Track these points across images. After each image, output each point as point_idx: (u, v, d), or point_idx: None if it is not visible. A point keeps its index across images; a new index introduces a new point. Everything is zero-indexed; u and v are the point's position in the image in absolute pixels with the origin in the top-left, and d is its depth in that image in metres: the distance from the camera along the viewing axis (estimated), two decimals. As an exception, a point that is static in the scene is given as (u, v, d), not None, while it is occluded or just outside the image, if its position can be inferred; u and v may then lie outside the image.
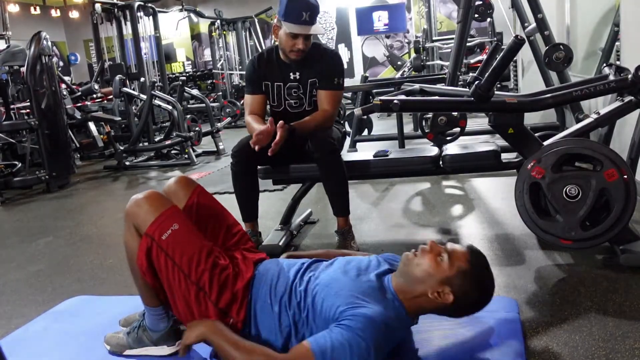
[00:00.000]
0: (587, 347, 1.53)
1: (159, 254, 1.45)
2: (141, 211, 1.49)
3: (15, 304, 2.31)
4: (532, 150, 2.05)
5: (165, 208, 1.49)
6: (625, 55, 3.10)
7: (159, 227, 1.45)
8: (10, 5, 10.56)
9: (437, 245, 1.43)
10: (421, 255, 1.42)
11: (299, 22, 2.31)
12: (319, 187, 2.69)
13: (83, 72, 14.07)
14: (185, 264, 1.44)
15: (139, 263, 1.49)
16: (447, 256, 1.39)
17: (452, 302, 1.37)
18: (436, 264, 1.38)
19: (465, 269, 1.37)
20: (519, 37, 1.97)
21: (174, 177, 1.72)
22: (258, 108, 2.52)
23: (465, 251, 1.41)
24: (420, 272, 1.39)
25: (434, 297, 1.37)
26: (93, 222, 3.68)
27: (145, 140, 6.46)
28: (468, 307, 1.43)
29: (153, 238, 1.45)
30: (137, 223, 1.51)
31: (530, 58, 4.69)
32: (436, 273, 1.37)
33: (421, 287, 1.38)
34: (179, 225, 1.47)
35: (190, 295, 1.45)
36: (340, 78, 2.48)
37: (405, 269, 1.42)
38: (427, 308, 1.42)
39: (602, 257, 2.15)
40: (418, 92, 3.00)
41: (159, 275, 1.48)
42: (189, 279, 1.44)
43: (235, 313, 1.47)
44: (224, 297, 1.46)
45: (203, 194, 1.68)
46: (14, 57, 5.05)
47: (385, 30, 11.73)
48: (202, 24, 12.63)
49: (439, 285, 1.37)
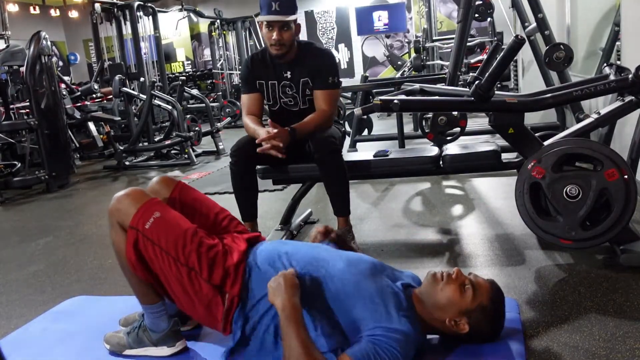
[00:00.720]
0: (587, 347, 1.53)
1: (146, 243, 1.48)
2: (122, 206, 1.53)
3: (15, 304, 2.31)
4: (533, 150, 2.05)
5: (145, 200, 1.53)
6: (625, 55, 3.10)
7: (141, 218, 1.49)
8: (10, 4, 10.55)
9: (462, 275, 1.45)
10: (447, 281, 1.43)
11: (269, 12, 2.34)
12: (319, 187, 2.69)
13: (83, 72, 14.07)
14: (172, 247, 1.47)
15: (127, 257, 1.50)
16: (471, 288, 1.42)
17: (465, 333, 1.42)
18: (460, 294, 1.41)
19: (485, 304, 1.42)
20: (519, 37, 1.97)
21: (155, 177, 1.75)
22: (255, 108, 2.53)
23: (488, 286, 1.46)
24: (444, 299, 1.42)
25: (450, 325, 1.42)
26: (93, 222, 3.68)
27: (145, 140, 6.46)
28: (478, 339, 1.49)
29: (137, 229, 1.48)
30: (120, 219, 1.54)
31: (531, 58, 4.69)
32: (458, 303, 1.41)
33: (440, 313, 1.42)
34: (160, 213, 1.51)
35: (183, 278, 1.47)
36: (335, 76, 2.48)
37: (429, 291, 1.45)
38: (439, 330, 1.47)
39: (603, 257, 2.15)
40: (418, 92, 3.00)
41: (151, 266, 1.50)
42: (179, 261, 1.47)
43: (229, 287, 1.48)
44: (216, 273, 1.48)
45: (185, 189, 1.71)
46: (14, 56, 5.05)
47: (385, 30, 11.73)
48: (201, 23, 12.63)
49: (458, 315, 1.41)
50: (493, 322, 1.46)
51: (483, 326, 1.44)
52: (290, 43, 2.40)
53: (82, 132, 6.61)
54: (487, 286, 1.45)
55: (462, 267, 2.19)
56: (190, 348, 1.66)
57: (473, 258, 2.31)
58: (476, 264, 2.24)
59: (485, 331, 1.46)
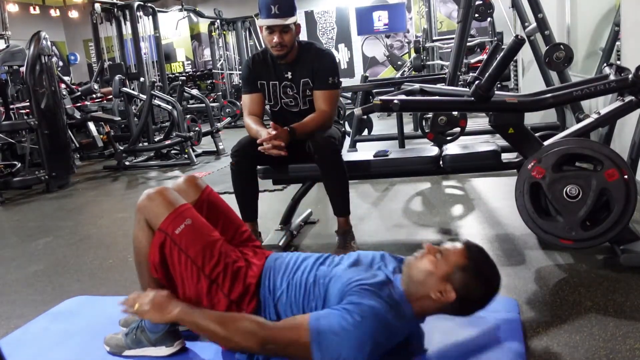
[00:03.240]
0: (587, 348, 1.53)
1: (173, 248, 1.48)
2: (153, 205, 1.53)
3: (15, 304, 2.31)
4: (533, 150, 2.05)
5: (178, 204, 1.52)
6: (625, 55, 3.10)
7: (172, 222, 1.49)
8: (10, 5, 10.55)
9: (433, 246, 1.44)
10: (419, 257, 1.43)
11: (269, 15, 2.33)
12: (319, 187, 2.69)
13: (83, 72, 14.07)
14: (199, 257, 1.47)
15: (151, 258, 1.51)
16: (443, 254, 1.40)
17: (455, 299, 1.36)
18: (433, 263, 1.39)
19: (462, 263, 1.37)
20: (519, 37, 1.97)
21: (183, 176, 1.74)
22: (256, 108, 2.53)
23: (462, 246, 1.42)
24: (421, 274, 1.40)
25: (437, 297, 1.37)
26: (93, 222, 3.68)
27: (145, 140, 6.45)
28: (474, 302, 1.42)
29: (167, 233, 1.48)
30: (149, 217, 1.54)
31: (531, 58, 4.69)
32: (435, 271, 1.38)
33: (424, 288, 1.39)
34: (192, 220, 1.51)
35: (202, 288, 1.48)
36: (335, 77, 2.48)
37: (408, 273, 1.43)
38: (433, 309, 1.42)
39: (603, 257, 2.14)
40: (418, 92, 3.00)
41: (172, 270, 1.51)
42: (203, 271, 1.47)
43: (246, 304, 1.50)
44: (236, 288, 1.49)
45: (213, 194, 1.72)
46: (14, 57, 5.05)
47: (385, 30, 11.73)
48: (201, 23, 12.63)
49: (440, 283, 1.37)
50: (478, 279, 1.39)
51: (470, 286, 1.37)
52: (291, 44, 2.41)
53: (82, 132, 6.61)
54: (461, 247, 1.41)
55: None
56: (188, 348, 1.66)
57: (473, 258, 2.31)
58: (476, 264, 2.24)
59: (476, 290, 1.39)
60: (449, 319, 1.67)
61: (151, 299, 1.44)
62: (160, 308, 1.43)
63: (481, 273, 1.40)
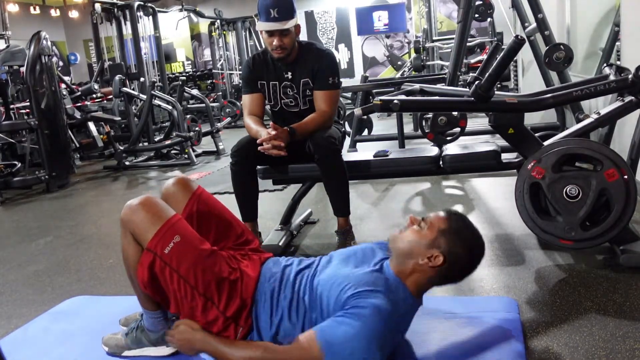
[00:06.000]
0: (587, 348, 1.53)
1: (163, 268, 1.42)
2: (138, 220, 1.45)
3: (15, 304, 2.31)
4: (532, 150, 2.05)
5: (165, 219, 1.44)
6: (625, 55, 3.10)
7: (160, 241, 1.41)
8: (10, 4, 10.55)
9: (415, 217, 1.47)
10: (403, 230, 1.47)
11: (268, 19, 2.33)
12: (319, 187, 2.69)
13: (83, 72, 14.06)
14: (191, 275, 1.41)
15: (139, 278, 1.46)
16: (426, 222, 1.44)
17: (444, 263, 1.39)
18: (417, 232, 1.43)
19: (445, 227, 1.41)
20: (519, 37, 1.97)
21: (172, 179, 1.66)
22: (256, 108, 2.53)
23: (442, 213, 1.46)
24: (407, 245, 1.43)
25: (425, 264, 1.40)
26: (93, 222, 3.68)
27: (145, 140, 6.45)
28: (463, 265, 1.44)
29: (155, 253, 1.41)
30: (134, 232, 1.47)
31: (531, 58, 4.69)
32: (420, 239, 1.41)
33: (412, 259, 1.41)
34: (180, 237, 1.42)
35: (197, 307, 1.44)
36: (335, 77, 2.48)
37: (395, 247, 1.46)
38: (426, 281, 1.43)
39: (603, 257, 2.14)
40: (418, 92, 3.00)
41: (164, 288, 1.45)
42: (196, 290, 1.42)
43: (243, 321, 1.47)
44: (233, 304, 1.45)
45: (203, 196, 1.64)
46: (14, 56, 5.05)
47: (385, 30, 11.73)
48: (202, 23, 12.62)
49: (426, 250, 1.40)
50: (462, 239, 1.41)
51: (456, 248, 1.39)
52: (291, 47, 2.41)
53: (82, 132, 6.61)
54: (442, 214, 1.45)
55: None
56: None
57: (473, 258, 2.30)
58: (476, 264, 2.24)
59: (461, 252, 1.41)
60: (449, 318, 1.67)
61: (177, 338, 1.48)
62: (186, 343, 1.46)
63: (464, 234, 1.44)
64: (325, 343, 1.28)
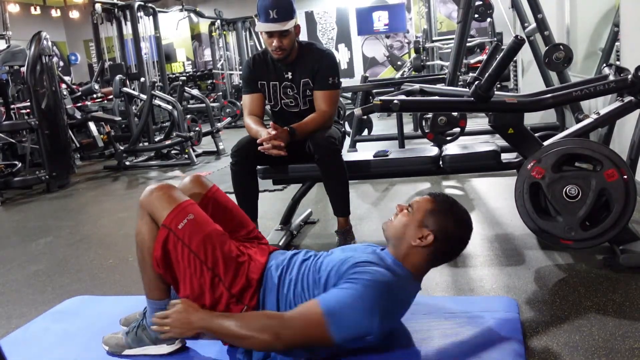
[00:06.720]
0: (587, 347, 1.53)
1: (176, 243, 1.49)
2: (156, 200, 1.54)
3: (15, 304, 2.31)
4: (532, 150, 2.05)
5: (181, 200, 1.53)
6: (625, 56, 3.10)
7: (175, 218, 1.49)
8: (11, 5, 10.56)
9: (402, 204, 1.58)
10: (394, 218, 1.57)
11: (267, 20, 2.34)
12: (319, 187, 2.69)
13: (83, 72, 14.07)
14: (202, 249, 1.48)
15: (155, 254, 1.51)
16: (412, 207, 1.53)
17: (435, 240, 1.46)
18: (406, 216, 1.52)
19: (431, 207, 1.50)
20: (519, 37, 1.97)
21: (189, 176, 1.75)
22: (257, 108, 2.53)
23: (427, 196, 1.55)
24: (398, 229, 1.52)
25: (418, 244, 1.48)
26: (93, 222, 3.69)
27: (145, 140, 6.46)
28: (454, 240, 1.51)
29: (170, 228, 1.49)
30: (151, 212, 1.54)
31: (530, 58, 4.69)
32: (409, 222, 1.50)
33: (405, 242, 1.50)
34: (194, 215, 1.51)
35: (205, 282, 1.49)
36: (335, 77, 2.48)
37: (388, 234, 1.56)
38: (423, 262, 1.51)
39: (602, 257, 2.15)
40: (418, 92, 3.00)
41: (175, 266, 1.51)
42: (205, 264, 1.48)
43: (248, 299, 1.51)
44: (238, 282, 1.50)
45: (218, 194, 1.73)
46: (14, 57, 5.05)
47: (385, 30, 11.73)
48: (202, 24, 12.63)
49: (417, 231, 1.48)
50: (450, 217, 1.49)
51: (445, 225, 1.47)
52: (290, 47, 2.41)
53: (83, 132, 6.61)
54: (426, 196, 1.54)
55: (462, 267, 2.21)
56: (189, 347, 1.66)
57: (473, 258, 2.31)
58: (476, 264, 2.24)
59: (451, 229, 1.48)
60: (449, 318, 1.68)
61: (173, 318, 1.47)
62: (185, 322, 1.46)
63: (451, 211, 1.52)
64: (327, 308, 1.34)
